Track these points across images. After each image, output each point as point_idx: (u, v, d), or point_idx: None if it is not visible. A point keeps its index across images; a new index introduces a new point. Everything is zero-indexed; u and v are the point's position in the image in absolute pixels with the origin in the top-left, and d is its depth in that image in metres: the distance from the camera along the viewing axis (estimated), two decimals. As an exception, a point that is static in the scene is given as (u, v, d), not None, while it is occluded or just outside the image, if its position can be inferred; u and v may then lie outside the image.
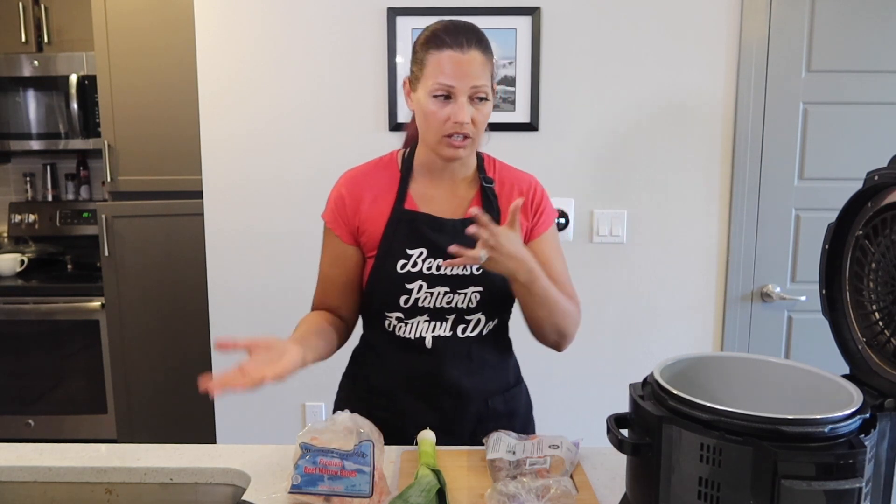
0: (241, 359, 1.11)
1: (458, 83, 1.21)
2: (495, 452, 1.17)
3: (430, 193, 1.34)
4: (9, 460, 1.23)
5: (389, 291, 1.30)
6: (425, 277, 1.30)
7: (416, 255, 1.30)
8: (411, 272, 1.30)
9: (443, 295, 1.30)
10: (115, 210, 2.79)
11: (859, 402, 0.85)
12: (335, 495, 1.05)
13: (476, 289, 1.31)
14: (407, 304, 1.31)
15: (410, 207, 1.32)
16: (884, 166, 0.89)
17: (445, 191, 1.35)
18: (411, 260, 1.30)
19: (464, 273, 1.30)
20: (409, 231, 1.31)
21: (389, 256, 1.30)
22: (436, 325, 1.32)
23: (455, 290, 1.30)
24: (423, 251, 1.30)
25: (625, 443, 0.92)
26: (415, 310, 1.31)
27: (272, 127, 2.35)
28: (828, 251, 0.99)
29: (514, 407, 1.43)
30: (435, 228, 1.31)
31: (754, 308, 2.36)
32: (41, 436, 3.06)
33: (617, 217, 2.34)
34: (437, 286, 1.30)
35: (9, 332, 3.07)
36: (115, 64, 2.69)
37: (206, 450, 1.28)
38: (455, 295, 1.31)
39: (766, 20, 2.23)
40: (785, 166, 2.30)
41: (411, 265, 1.30)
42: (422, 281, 1.29)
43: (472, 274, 1.30)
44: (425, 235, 1.30)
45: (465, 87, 1.22)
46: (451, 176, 1.35)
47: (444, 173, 1.34)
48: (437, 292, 1.30)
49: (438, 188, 1.35)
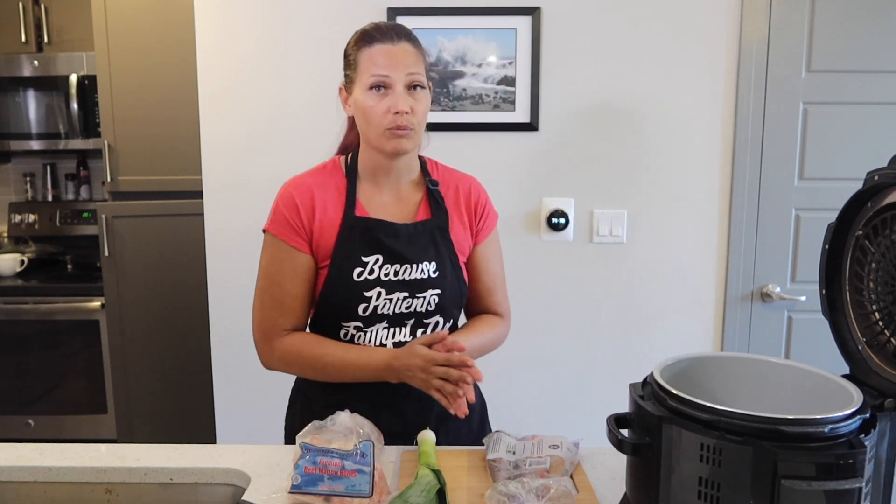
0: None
1: (392, 72, 1.23)
2: (495, 452, 1.17)
3: (377, 199, 1.33)
4: (9, 460, 1.23)
5: (347, 300, 1.28)
6: (384, 284, 1.28)
7: (373, 261, 1.28)
8: (368, 280, 1.28)
9: (402, 300, 1.29)
10: (115, 210, 2.79)
11: (859, 402, 0.85)
12: (335, 495, 1.06)
13: (434, 291, 1.30)
14: (366, 313, 1.28)
15: (361, 214, 1.31)
16: (884, 166, 0.89)
17: (392, 195, 1.34)
18: (367, 267, 1.28)
19: (422, 277, 1.30)
20: (363, 238, 1.29)
21: (345, 265, 1.28)
22: (395, 331, 1.31)
23: (414, 295, 1.29)
24: (379, 258, 1.28)
25: (625, 443, 0.92)
26: (374, 317, 1.29)
27: (272, 127, 2.35)
28: (828, 251, 0.99)
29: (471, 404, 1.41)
30: (390, 234, 1.29)
31: (754, 308, 2.36)
32: (41, 436, 3.06)
33: (617, 217, 2.34)
34: (396, 292, 1.28)
35: (9, 332, 3.07)
36: (115, 64, 2.69)
37: (206, 450, 1.28)
38: (414, 299, 1.30)
39: (766, 20, 2.23)
40: (785, 166, 2.30)
41: (368, 272, 1.28)
42: (380, 288, 1.28)
43: (429, 277, 1.30)
44: (380, 241, 1.29)
45: (400, 75, 1.23)
46: (397, 179, 1.34)
47: (389, 177, 1.33)
48: (396, 298, 1.29)
49: (385, 193, 1.34)
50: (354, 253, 1.28)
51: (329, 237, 1.29)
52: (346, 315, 1.29)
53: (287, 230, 1.30)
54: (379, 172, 1.33)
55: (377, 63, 1.22)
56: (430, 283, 1.30)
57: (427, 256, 1.31)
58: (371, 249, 1.28)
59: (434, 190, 1.36)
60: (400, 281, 1.29)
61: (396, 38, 1.25)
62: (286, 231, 1.30)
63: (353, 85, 1.27)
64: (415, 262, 1.29)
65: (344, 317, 1.30)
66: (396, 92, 1.23)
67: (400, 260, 1.29)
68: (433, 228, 1.33)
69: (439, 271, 1.30)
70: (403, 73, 1.23)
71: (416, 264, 1.30)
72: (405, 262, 1.29)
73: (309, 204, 1.30)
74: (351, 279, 1.27)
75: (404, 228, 1.31)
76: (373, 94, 1.23)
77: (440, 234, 1.33)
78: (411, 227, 1.31)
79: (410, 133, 1.25)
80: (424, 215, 1.34)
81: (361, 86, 1.24)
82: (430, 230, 1.33)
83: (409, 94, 1.24)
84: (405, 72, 1.23)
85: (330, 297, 1.30)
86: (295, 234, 1.30)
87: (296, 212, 1.30)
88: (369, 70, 1.23)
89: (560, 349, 2.40)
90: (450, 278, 1.32)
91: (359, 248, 1.28)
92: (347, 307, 1.28)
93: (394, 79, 1.22)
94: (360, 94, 1.25)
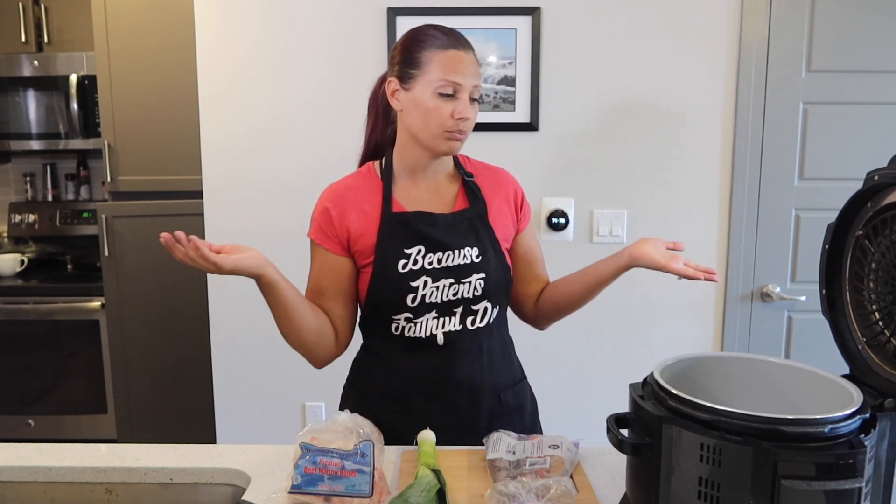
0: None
1: (464, 80, 1.27)
2: (495, 452, 1.17)
3: (414, 195, 1.36)
4: (9, 460, 1.23)
5: (395, 293, 1.31)
6: (429, 272, 1.31)
7: (415, 252, 1.31)
8: (413, 270, 1.31)
9: (448, 287, 1.31)
10: (115, 210, 2.79)
11: (859, 402, 0.85)
12: (335, 495, 1.05)
13: (479, 276, 1.33)
14: (414, 303, 1.31)
15: (398, 210, 1.34)
16: (884, 166, 0.89)
17: (429, 190, 1.38)
18: (411, 258, 1.31)
19: (465, 262, 1.32)
20: (404, 231, 1.32)
21: (389, 259, 1.31)
22: (445, 321, 1.33)
23: (459, 280, 1.32)
24: (421, 248, 1.31)
25: (625, 443, 0.92)
26: (422, 307, 1.31)
27: (272, 127, 2.35)
28: (828, 251, 0.99)
29: (523, 401, 1.44)
30: (429, 224, 1.33)
31: (754, 308, 2.36)
32: (41, 436, 3.06)
33: (617, 217, 2.34)
34: (442, 279, 1.31)
35: (9, 332, 3.08)
36: (115, 64, 2.69)
37: (206, 450, 1.28)
38: (460, 285, 1.32)
39: (766, 20, 2.23)
40: (785, 166, 2.30)
41: (412, 263, 1.31)
42: (426, 276, 1.31)
43: (472, 262, 1.33)
44: (420, 232, 1.32)
45: (468, 85, 1.28)
46: (434, 174, 1.38)
47: (426, 173, 1.37)
48: (443, 285, 1.31)
49: (422, 188, 1.37)
50: (396, 246, 1.31)
51: (369, 236, 1.33)
52: (395, 308, 1.32)
53: (321, 235, 1.36)
54: (416, 168, 1.36)
55: (450, 69, 1.26)
56: (474, 268, 1.33)
57: (468, 242, 1.34)
58: (412, 241, 1.32)
59: (470, 181, 1.39)
60: (444, 268, 1.32)
61: (467, 47, 1.30)
62: (321, 236, 1.36)
63: (413, 82, 1.29)
64: (456, 248, 1.32)
65: (394, 310, 1.32)
66: (463, 99, 1.27)
67: (441, 248, 1.32)
68: (472, 217, 1.36)
69: (482, 256, 1.34)
70: (472, 83, 1.28)
71: (457, 250, 1.32)
72: (447, 249, 1.32)
73: (341, 208, 1.34)
74: (396, 272, 1.30)
75: (443, 218, 1.34)
76: (440, 97, 1.27)
77: (479, 221, 1.37)
78: (450, 217, 1.34)
79: (464, 138, 1.31)
80: (462, 205, 1.37)
81: (428, 86, 1.27)
82: (469, 218, 1.36)
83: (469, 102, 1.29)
84: (473, 82, 1.28)
85: (377, 292, 1.33)
86: (328, 240, 1.35)
87: (328, 218, 1.35)
88: (441, 74, 1.26)
89: (560, 349, 2.40)
90: (493, 263, 1.34)
91: (400, 241, 1.32)
92: (396, 300, 1.31)
93: (464, 87, 1.27)
94: (423, 94, 1.27)
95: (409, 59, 1.30)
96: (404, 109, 1.32)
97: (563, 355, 2.41)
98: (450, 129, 1.27)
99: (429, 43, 1.28)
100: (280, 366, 2.44)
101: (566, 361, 2.42)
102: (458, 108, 1.26)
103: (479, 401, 1.36)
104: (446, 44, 1.27)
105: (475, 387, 1.35)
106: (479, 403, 1.36)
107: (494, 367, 1.38)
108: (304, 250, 1.39)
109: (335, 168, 2.30)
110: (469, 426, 1.34)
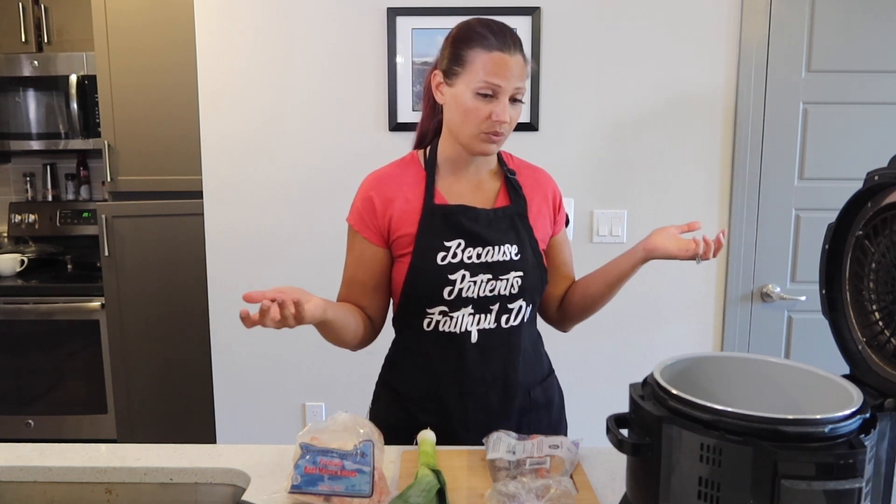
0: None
1: (504, 84, 1.25)
2: (495, 452, 1.17)
3: (456, 188, 1.36)
4: (9, 460, 1.23)
5: (432, 285, 1.31)
6: (467, 266, 1.31)
7: (455, 245, 1.31)
8: (452, 263, 1.30)
9: (486, 283, 1.31)
10: (115, 210, 2.79)
11: (859, 402, 0.85)
12: (335, 495, 1.05)
13: (517, 274, 1.33)
14: (451, 296, 1.30)
15: (440, 202, 1.34)
16: (884, 166, 0.89)
17: (471, 185, 1.38)
18: (450, 251, 1.31)
19: (504, 259, 1.32)
20: (445, 223, 1.32)
21: (428, 250, 1.31)
22: (480, 318, 1.32)
23: (497, 277, 1.32)
24: (461, 242, 1.31)
25: (625, 443, 0.91)
26: (459, 301, 1.31)
27: (272, 127, 2.35)
28: (828, 251, 0.99)
29: (551, 396, 1.44)
30: (470, 218, 1.32)
31: (754, 308, 2.36)
32: (41, 436, 3.06)
33: (617, 217, 2.34)
34: (480, 274, 1.31)
35: (9, 332, 3.07)
36: (115, 64, 2.69)
37: (206, 450, 1.28)
38: (497, 282, 1.32)
39: (766, 20, 2.23)
40: (785, 166, 2.30)
41: (451, 256, 1.31)
42: (464, 270, 1.30)
43: (511, 259, 1.33)
44: (462, 225, 1.32)
45: (509, 87, 1.26)
46: (476, 170, 1.38)
47: (469, 168, 1.37)
48: (480, 280, 1.31)
49: (464, 182, 1.37)
50: (437, 238, 1.31)
51: (409, 226, 1.32)
52: (431, 300, 1.32)
53: (361, 223, 1.35)
54: (459, 162, 1.36)
55: (492, 71, 1.24)
56: (513, 266, 1.33)
57: (508, 239, 1.34)
58: (453, 234, 1.31)
59: (512, 178, 1.39)
60: (483, 263, 1.31)
61: (513, 48, 1.27)
62: (360, 224, 1.35)
63: (456, 78, 1.28)
64: (496, 245, 1.32)
65: (430, 302, 1.32)
66: (502, 102, 1.26)
67: (482, 243, 1.31)
68: (513, 214, 1.36)
69: (521, 254, 1.33)
70: (513, 85, 1.26)
71: (497, 246, 1.32)
72: (487, 245, 1.32)
73: (384, 196, 1.34)
74: (435, 263, 1.30)
75: (484, 213, 1.34)
76: (479, 97, 1.26)
77: (520, 219, 1.37)
78: (491, 213, 1.34)
79: (501, 139, 1.30)
80: (504, 202, 1.37)
81: (468, 86, 1.26)
82: (510, 216, 1.36)
83: (510, 104, 1.27)
84: (514, 84, 1.26)
85: (415, 283, 1.32)
86: (367, 228, 1.34)
87: (371, 206, 1.34)
88: (482, 76, 1.25)
89: (560, 349, 2.40)
90: (531, 262, 1.35)
91: (441, 233, 1.31)
92: (433, 292, 1.31)
93: (503, 89, 1.25)
94: (463, 92, 1.27)
95: (456, 55, 1.29)
96: (446, 104, 1.32)
97: (563, 355, 2.40)
98: (486, 131, 1.27)
99: (476, 42, 1.26)
100: (280, 366, 2.44)
101: (566, 361, 2.41)
102: (497, 111, 1.25)
103: (512, 397, 1.36)
104: (493, 45, 1.25)
105: (508, 384, 1.35)
106: (511, 400, 1.36)
107: (526, 363, 1.38)
108: (304, 249, 1.38)
109: (335, 168, 2.32)
110: (501, 423, 1.34)
